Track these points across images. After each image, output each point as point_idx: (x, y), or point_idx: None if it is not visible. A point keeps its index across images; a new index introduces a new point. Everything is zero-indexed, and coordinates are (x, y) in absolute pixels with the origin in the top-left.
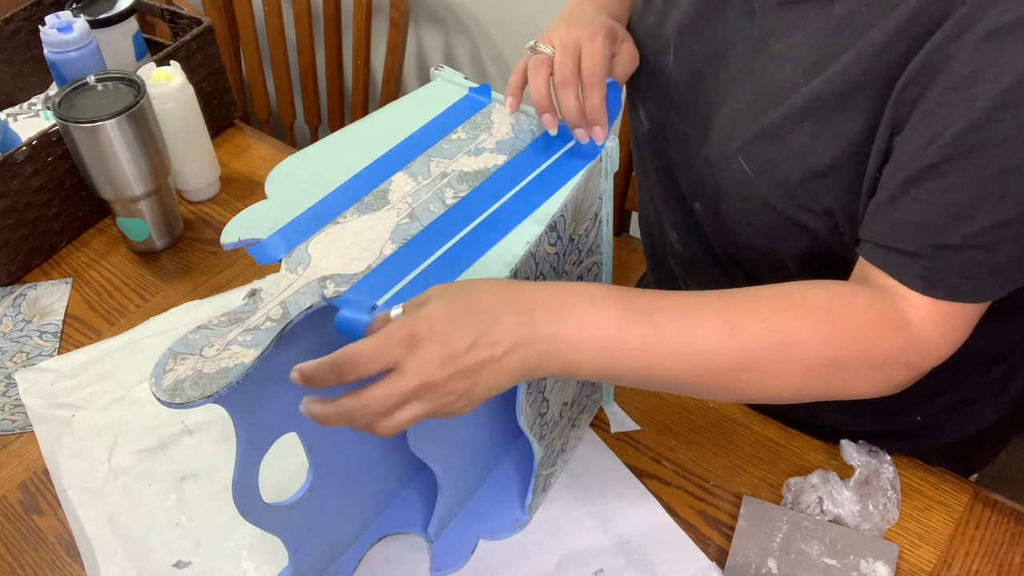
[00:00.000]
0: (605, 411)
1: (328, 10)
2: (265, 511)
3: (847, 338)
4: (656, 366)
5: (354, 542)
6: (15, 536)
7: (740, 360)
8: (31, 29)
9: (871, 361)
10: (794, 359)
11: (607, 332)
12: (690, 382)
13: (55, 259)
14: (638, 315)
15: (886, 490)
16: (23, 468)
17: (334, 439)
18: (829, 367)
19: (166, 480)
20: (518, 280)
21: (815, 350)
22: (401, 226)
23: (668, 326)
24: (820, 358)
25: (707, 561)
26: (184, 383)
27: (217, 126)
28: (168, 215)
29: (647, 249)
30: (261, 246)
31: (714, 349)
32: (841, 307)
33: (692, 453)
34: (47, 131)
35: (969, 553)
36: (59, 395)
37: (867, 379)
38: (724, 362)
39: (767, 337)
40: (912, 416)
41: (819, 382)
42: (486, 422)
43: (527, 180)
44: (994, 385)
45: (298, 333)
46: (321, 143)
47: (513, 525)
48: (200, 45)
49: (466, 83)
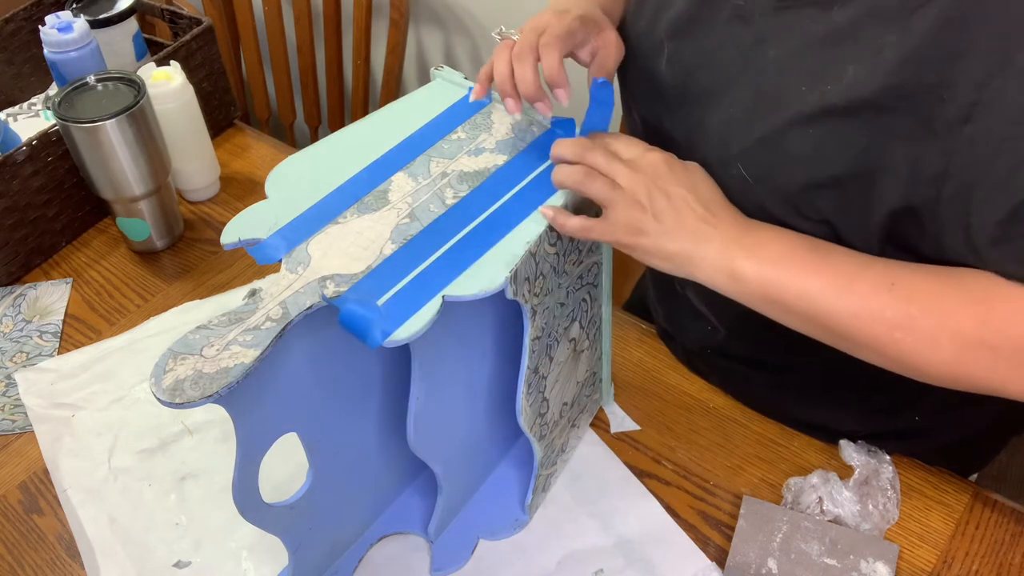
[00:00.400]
0: (605, 411)
1: (328, 10)
2: (265, 511)
3: (1002, 321)
4: (817, 295)
5: (354, 542)
6: (15, 536)
7: (894, 314)
8: (31, 29)
9: (991, 340)
10: (946, 328)
11: (784, 249)
12: (844, 324)
13: (55, 259)
14: (816, 246)
15: (886, 490)
16: (23, 468)
17: (334, 439)
18: (981, 347)
19: (166, 480)
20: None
21: (968, 327)
22: (401, 226)
23: (838, 262)
24: (972, 336)
25: (707, 561)
26: (184, 383)
27: (217, 126)
28: (168, 215)
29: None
30: (261, 246)
31: (873, 294)
32: (1000, 294)
33: (692, 453)
34: (47, 131)
35: (969, 553)
36: (59, 395)
37: (1020, 373)
38: (879, 312)
39: (923, 299)
40: (911, 416)
41: (970, 362)
42: (486, 422)
43: (527, 180)
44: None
45: (298, 333)
46: (321, 143)
47: (513, 525)
48: (200, 45)
49: (466, 83)
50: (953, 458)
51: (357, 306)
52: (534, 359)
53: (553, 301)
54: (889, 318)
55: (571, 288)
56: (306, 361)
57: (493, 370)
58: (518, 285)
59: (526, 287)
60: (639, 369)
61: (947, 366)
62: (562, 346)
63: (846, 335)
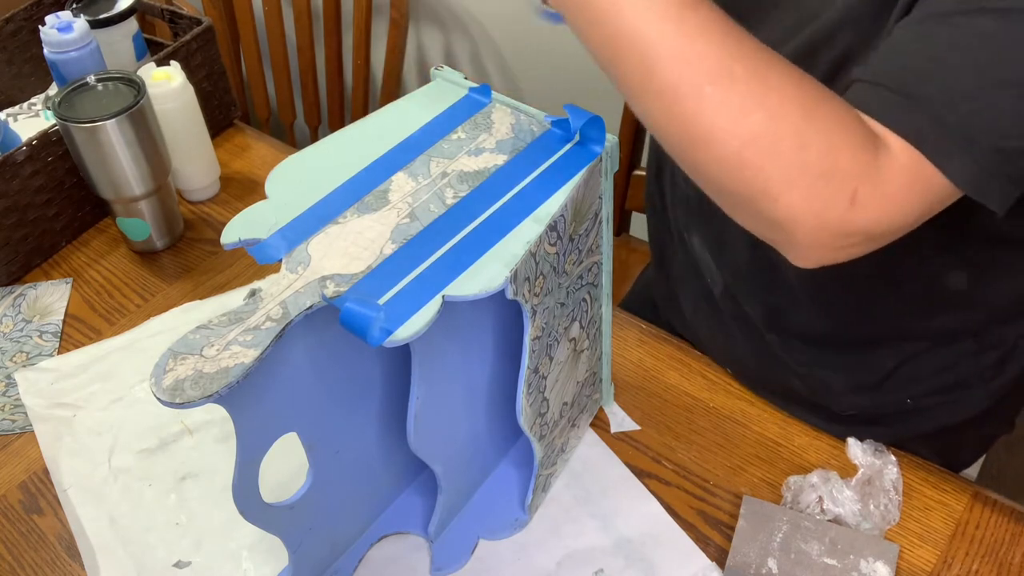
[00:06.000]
0: (605, 411)
1: (328, 10)
2: (265, 511)
3: (814, 110)
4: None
5: (354, 542)
6: (15, 536)
7: (715, 65)
8: (31, 29)
9: (822, 155)
10: (764, 107)
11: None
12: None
13: (55, 259)
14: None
15: (888, 491)
16: (23, 468)
17: (334, 439)
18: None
19: (166, 480)
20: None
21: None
22: (401, 226)
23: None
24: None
25: (707, 561)
26: (184, 383)
27: (217, 126)
28: (168, 215)
29: (650, 199)
30: (261, 246)
31: (703, 37)
32: (828, 94)
33: (692, 453)
34: (47, 131)
35: (969, 553)
36: (59, 395)
37: (801, 180)
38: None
39: (758, 67)
40: (902, 398)
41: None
42: (486, 422)
43: (527, 180)
44: (985, 371)
45: (298, 333)
46: (321, 143)
47: (513, 525)
48: (200, 45)
49: (466, 83)
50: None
51: (357, 305)
52: (534, 359)
53: (553, 301)
54: (708, 68)
55: (571, 288)
56: (306, 361)
57: (493, 370)
58: (518, 285)
59: (526, 287)
60: (639, 369)
61: (737, 146)
62: (562, 346)
63: (648, 71)
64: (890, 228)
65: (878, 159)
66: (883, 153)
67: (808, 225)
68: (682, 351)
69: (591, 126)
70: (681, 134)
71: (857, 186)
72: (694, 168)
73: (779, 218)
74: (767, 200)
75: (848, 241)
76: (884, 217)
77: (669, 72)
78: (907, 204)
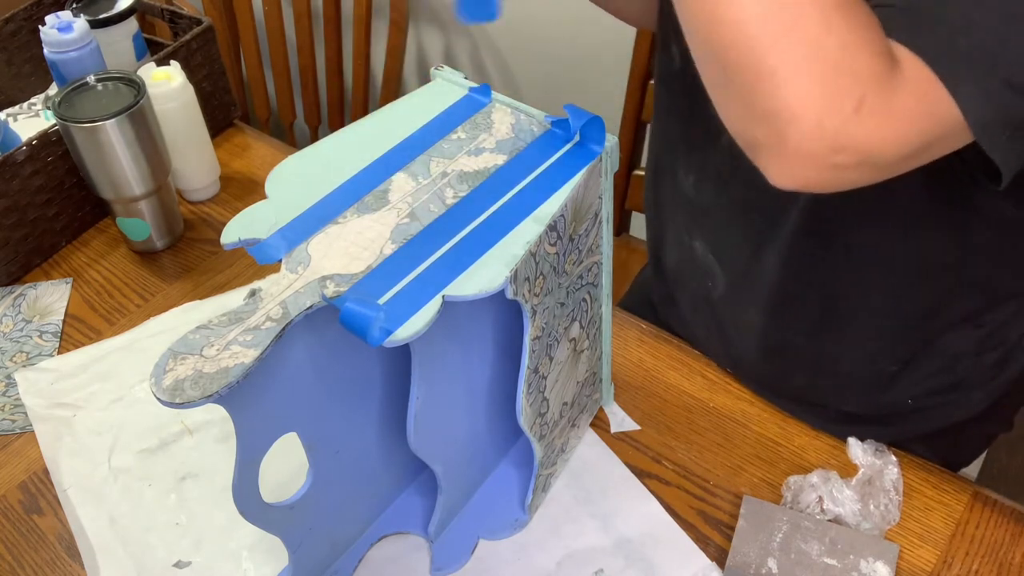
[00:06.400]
0: (605, 411)
1: (328, 10)
2: (265, 511)
3: (847, 5)
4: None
5: (354, 542)
6: (15, 536)
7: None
8: (31, 29)
9: (841, 47)
10: (801, 26)
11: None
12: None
13: (55, 259)
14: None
15: (888, 491)
16: (23, 468)
17: (334, 439)
18: (838, 64)
19: (166, 480)
20: None
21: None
22: (401, 226)
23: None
24: (831, 47)
25: (707, 561)
26: (184, 383)
27: (217, 126)
28: (168, 215)
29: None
30: (261, 246)
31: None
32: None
33: (692, 453)
34: (47, 131)
35: (969, 553)
36: (59, 395)
37: (814, 67)
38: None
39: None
40: (902, 398)
41: (811, 76)
42: (486, 422)
43: (527, 180)
44: (985, 372)
45: (298, 333)
46: (321, 143)
47: (513, 525)
48: (200, 45)
49: (466, 83)
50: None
51: (357, 305)
52: (534, 359)
53: (553, 301)
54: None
55: (571, 288)
56: (306, 361)
57: (493, 370)
58: (518, 285)
59: (526, 287)
60: (639, 369)
61: (760, 11)
62: (562, 346)
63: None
64: (884, 152)
65: (892, 71)
66: (897, 69)
67: (806, 122)
68: (682, 351)
69: (591, 126)
70: (711, 44)
71: (866, 92)
72: (706, 32)
73: (777, 108)
74: (771, 83)
75: (838, 158)
76: (883, 135)
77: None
78: (910, 126)
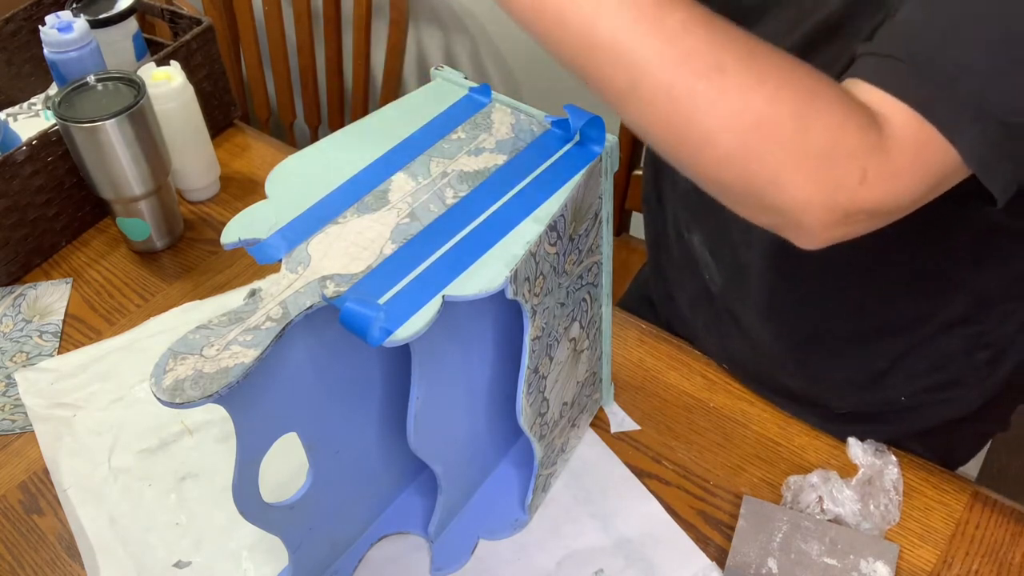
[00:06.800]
0: (605, 411)
1: (328, 10)
2: (265, 511)
3: (811, 93)
4: (600, 16)
5: (354, 542)
6: (15, 536)
7: (704, 62)
8: (31, 29)
9: (825, 136)
10: (760, 92)
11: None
12: (629, 54)
13: (55, 259)
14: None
15: (888, 491)
16: (23, 468)
17: (334, 439)
18: (782, 126)
19: (166, 480)
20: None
21: (786, 98)
22: (401, 226)
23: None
24: (784, 111)
25: (707, 561)
26: (184, 383)
27: (217, 126)
28: (168, 215)
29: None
30: (261, 246)
31: (684, 32)
32: (823, 77)
33: (692, 453)
34: (47, 131)
35: (969, 553)
36: (59, 395)
37: (807, 163)
38: (687, 53)
39: (749, 54)
40: (896, 395)
41: (763, 140)
42: (486, 422)
43: (527, 180)
44: (978, 370)
45: (298, 333)
46: (321, 143)
47: (513, 525)
48: (200, 45)
49: (466, 83)
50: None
51: (357, 305)
52: (534, 359)
53: (553, 301)
54: (697, 65)
55: (571, 288)
56: (306, 361)
57: (493, 370)
58: (518, 285)
59: (526, 287)
60: (639, 369)
61: (738, 140)
62: (562, 346)
63: (633, 79)
64: (898, 204)
65: (883, 136)
66: (887, 129)
67: (818, 208)
68: (682, 351)
69: (591, 126)
70: (678, 137)
71: (866, 164)
72: (694, 169)
73: (787, 205)
74: (774, 189)
75: (857, 219)
76: (893, 193)
77: (657, 77)
78: (915, 179)
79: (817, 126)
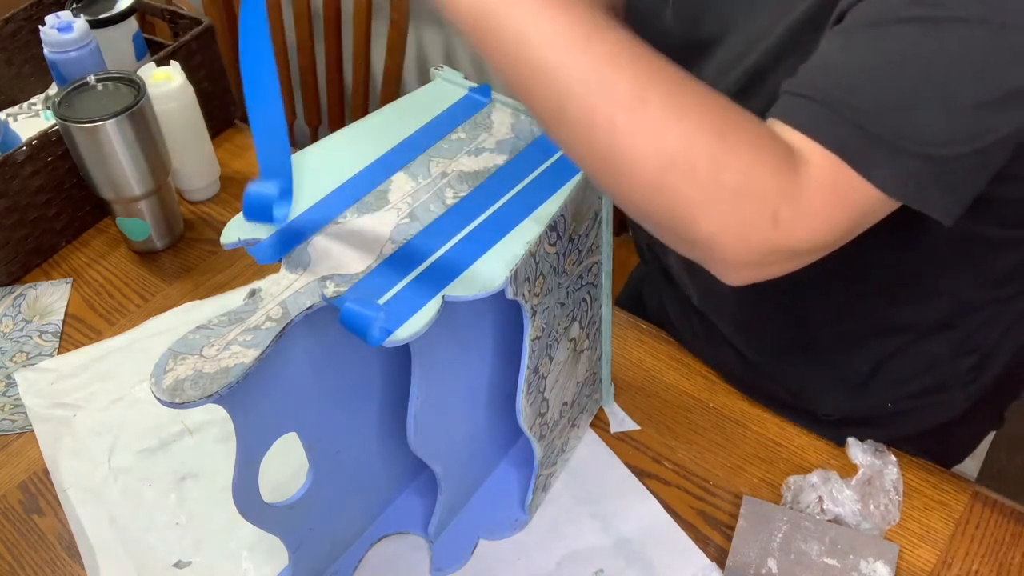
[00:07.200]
0: (605, 411)
1: (328, 10)
2: (265, 511)
3: (730, 132)
4: (536, 39)
5: (354, 542)
6: (15, 536)
7: (627, 92)
8: (31, 29)
9: (739, 176)
10: (678, 128)
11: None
12: (562, 86)
13: (55, 259)
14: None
15: (888, 491)
16: (23, 468)
17: (334, 439)
18: (700, 162)
19: (166, 480)
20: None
21: (703, 138)
22: (401, 226)
23: (586, 16)
24: (701, 149)
25: (707, 561)
26: (184, 383)
27: (217, 126)
28: (168, 215)
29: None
30: (261, 246)
31: (612, 61)
32: (745, 115)
33: (692, 453)
34: (47, 131)
35: (969, 553)
36: (59, 395)
37: (719, 202)
38: (611, 83)
39: (670, 90)
40: (883, 401)
41: (679, 176)
42: (486, 422)
43: (527, 180)
44: (964, 375)
45: (298, 333)
46: (321, 143)
47: (513, 525)
48: (200, 45)
49: (466, 83)
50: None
51: (357, 305)
52: (534, 359)
53: (553, 301)
54: (620, 96)
55: (571, 288)
56: (306, 361)
57: (493, 370)
58: (518, 285)
59: (526, 287)
60: (639, 369)
61: (654, 172)
62: (562, 346)
63: (559, 101)
64: (816, 244)
65: (798, 177)
66: (803, 170)
67: (730, 245)
68: (682, 351)
69: None
70: (599, 163)
71: (777, 206)
72: (616, 195)
73: (701, 239)
74: (688, 222)
75: (774, 258)
76: (809, 234)
77: (581, 102)
78: (832, 219)
79: (732, 167)
